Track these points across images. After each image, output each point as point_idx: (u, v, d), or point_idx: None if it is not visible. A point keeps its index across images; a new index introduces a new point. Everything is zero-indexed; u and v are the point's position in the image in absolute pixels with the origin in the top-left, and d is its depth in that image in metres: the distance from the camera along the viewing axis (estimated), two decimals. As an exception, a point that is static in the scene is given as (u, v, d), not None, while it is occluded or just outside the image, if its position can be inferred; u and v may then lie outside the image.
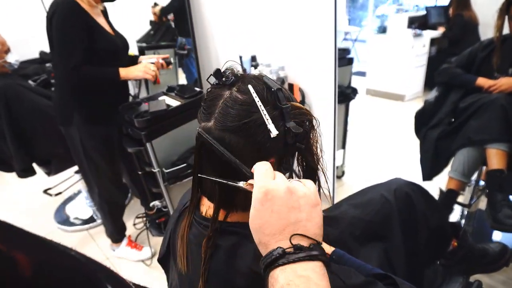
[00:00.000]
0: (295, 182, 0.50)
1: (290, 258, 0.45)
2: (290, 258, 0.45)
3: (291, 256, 0.45)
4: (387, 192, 1.02)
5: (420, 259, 1.01)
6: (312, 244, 0.46)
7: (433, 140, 1.83)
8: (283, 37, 2.08)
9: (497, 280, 1.74)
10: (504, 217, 1.54)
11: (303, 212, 0.48)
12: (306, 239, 0.47)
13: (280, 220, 0.47)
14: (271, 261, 0.45)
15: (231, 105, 0.57)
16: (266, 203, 0.48)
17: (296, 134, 0.57)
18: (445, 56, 3.03)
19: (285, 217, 0.47)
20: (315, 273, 0.44)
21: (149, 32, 3.23)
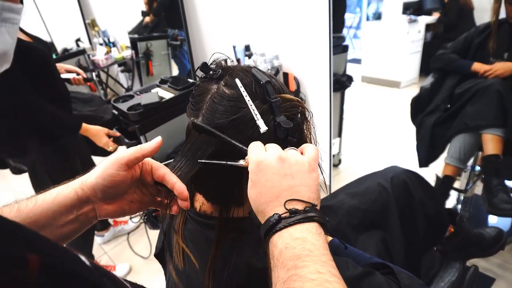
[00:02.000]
0: (289, 151, 0.51)
1: (285, 222, 0.45)
2: (286, 222, 0.45)
3: (286, 220, 0.45)
4: (384, 181, 1.02)
5: (418, 246, 1.01)
6: (307, 207, 0.47)
7: (429, 127, 1.83)
8: (277, 26, 2.05)
9: (494, 264, 1.76)
10: (499, 202, 1.55)
11: (296, 178, 0.49)
12: (301, 203, 0.47)
13: (274, 187, 0.48)
14: (269, 227, 0.46)
15: (218, 101, 0.56)
16: (259, 173, 0.49)
17: (287, 129, 0.55)
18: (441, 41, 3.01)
19: (278, 185, 0.48)
20: (311, 234, 0.44)
21: (141, 23, 3.19)
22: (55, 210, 0.47)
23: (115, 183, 0.50)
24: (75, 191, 0.49)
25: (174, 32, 2.91)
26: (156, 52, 3.12)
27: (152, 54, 3.12)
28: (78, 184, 0.50)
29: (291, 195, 0.47)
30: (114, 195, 0.51)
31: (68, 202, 0.48)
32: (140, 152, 0.52)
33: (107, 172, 0.50)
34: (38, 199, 0.48)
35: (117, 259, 2.16)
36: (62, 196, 0.48)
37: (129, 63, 3.26)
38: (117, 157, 0.50)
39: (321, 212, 0.47)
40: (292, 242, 0.44)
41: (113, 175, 0.50)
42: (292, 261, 0.42)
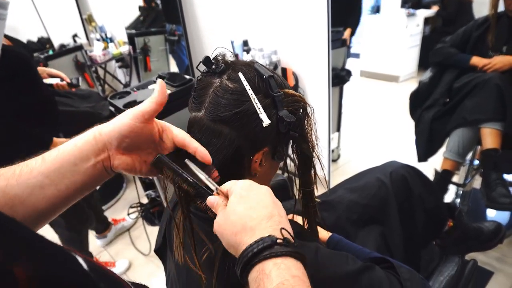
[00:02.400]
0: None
1: (283, 250, 0.41)
2: (283, 250, 0.41)
3: (283, 248, 0.41)
4: (383, 175, 1.02)
5: (417, 241, 1.01)
6: (295, 243, 0.43)
7: (428, 121, 1.83)
8: (275, 21, 2.04)
9: (492, 257, 1.77)
10: (498, 196, 1.55)
11: (282, 211, 0.47)
12: (290, 237, 0.43)
13: (267, 207, 0.46)
14: (262, 248, 0.41)
15: (221, 94, 0.56)
16: (252, 190, 0.48)
17: (289, 123, 0.56)
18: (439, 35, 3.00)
19: (271, 207, 0.46)
20: (305, 276, 0.41)
21: (138, 18, 3.16)
22: (76, 155, 0.48)
23: (131, 133, 0.50)
24: (94, 136, 0.50)
25: (172, 27, 2.89)
26: (153, 47, 3.10)
27: (150, 50, 3.10)
28: (97, 130, 0.51)
29: (282, 224, 0.44)
30: (128, 145, 0.51)
31: (87, 147, 0.49)
32: (153, 100, 0.51)
33: (123, 122, 0.50)
34: (60, 148, 0.49)
35: (117, 255, 2.17)
36: (82, 142, 0.49)
37: (127, 58, 3.24)
38: (133, 110, 0.51)
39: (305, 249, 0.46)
40: (290, 280, 0.39)
41: (130, 125, 0.50)
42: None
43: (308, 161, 0.65)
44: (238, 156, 0.57)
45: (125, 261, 2.07)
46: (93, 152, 0.49)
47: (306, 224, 0.74)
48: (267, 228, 0.43)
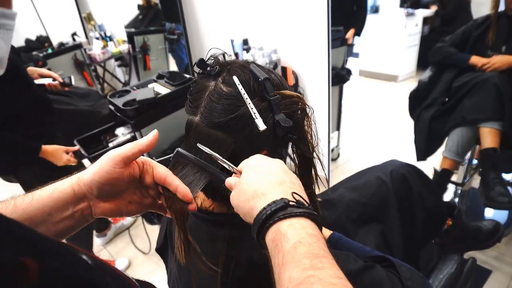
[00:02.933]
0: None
1: (297, 210, 0.41)
2: (297, 210, 0.41)
3: (297, 209, 0.41)
4: (383, 174, 1.03)
5: (416, 239, 1.02)
6: (310, 206, 0.44)
7: (427, 120, 1.84)
8: (275, 19, 2.04)
9: (490, 256, 1.78)
10: (497, 195, 1.56)
11: (295, 179, 0.47)
12: (303, 201, 0.44)
13: (278, 175, 0.46)
14: (275, 210, 0.41)
15: (216, 99, 0.55)
16: (262, 160, 0.49)
17: (286, 127, 0.55)
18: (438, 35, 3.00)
19: (283, 174, 0.46)
20: (320, 235, 0.41)
21: (137, 17, 3.16)
22: (51, 205, 0.46)
23: (111, 180, 0.48)
24: (72, 187, 0.48)
25: (171, 26, 2.88)
26: (153, 46, 3.10)
27: (149, 48, 3.09)
28: (74, 179, 0.49)
29: (294, 189, 0.45)
30: (110, 193, 0.49)
31: (65, 197, 0.47)
32: (137, 147, 0.50)
33: (103, 168, 0.48)
34: (34, 195, 0.47)
35: (117, 254, 2.17)
36: (58, 192, 0.47)
37: (126, 57, 3.23)
38: (113, 154, 0.49)
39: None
40: (307, 238, 0.39)
41: (109, 171, 0.48)
42: (309, 260, 0.36)
43: (308, 162, 0.64)
44: (236, 159, 0.57)
45: (124, 260, 2.07)
46: (70, 203, 0.47)
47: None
48: (279, 193, 0.43)
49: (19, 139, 1.38)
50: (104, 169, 0.48)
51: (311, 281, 0.34)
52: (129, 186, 0.51)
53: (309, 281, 0.34)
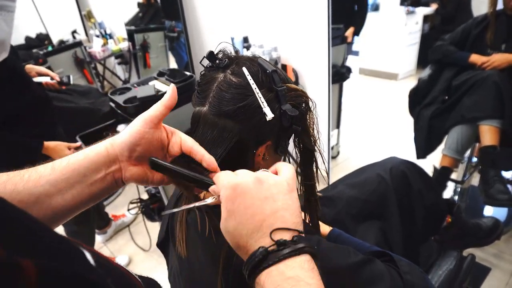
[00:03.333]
0: (262, 172, 0.48)
1: (274, 257, 0.41)
2: (274, 257, 0.41)
3: (275, 255, 0.41)
4: (383, 171, 1.03)
5: (416, 236, 1.02)
6: (294, 236, 0.43)
7: (427, 118, 1.84)
8: (276, 17, 2.04)
9: (489, 253, 1.79)
10: (496, 192, 1.57)
11: (278, 201, 0.45)
12: (287, 232, 0.43)
13: (255, 215, 0.43)
14: (254, 265, 0.41)
15: (225, 88, 0.56)
16: (237, 199, 0.44)
17: (292, 117, 0.56)
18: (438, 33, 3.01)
19: (260, 211, 0.44)
20: (303, 270, 0.40)
21: (137, 15, 3.16)
22: (86, 166, 0.48)
23: (142, 140, 0.50)
24: (106, 148, 0.50)
25: (171, 24, 2.89)
26: (153, 44, 3.10)
27: (149, 46, 3.10)
28: (109, 141, 0.51)
29: (276, 223, 0.43)
30: (140, 154, 0.51)
31: (99, 159, 0.49)
32: (162, 105, 0.52)
33: (134, 129, 0.50)
34: (71, 157, 0.49)
35: (117, 251, 2.17)
36: (93, 153, 0.49)
37: (126, 55, 3.23)
38: (143, 116, 0.51)
39: (308, 241, 0.43)
40: (283, 283, 0.39)
41: (140, 132, 0.50)
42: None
43: (310, 155, 0.66)
44: (241, 149, 0.58)
45: (124, 257, 2.08)
46: (104, 164, 0.49)
47: (308, 218, 0.75)
48: (258, 241, 0.43)
49: (19, 139, 1.37)
50: (136, 129, 0.50)
51: None
52: (157, 152, 0.53)
53: None
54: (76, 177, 0.47)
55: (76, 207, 0.49)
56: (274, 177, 0.47)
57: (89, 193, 0.49)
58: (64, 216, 0.49)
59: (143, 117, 0.51)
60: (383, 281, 0.59)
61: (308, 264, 0.41)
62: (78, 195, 0.48)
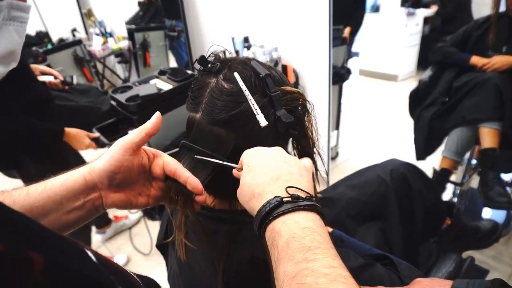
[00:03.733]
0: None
1: (290, 206, 0.42)
2: (290, 206, 0.42)
3: (290, 204, 0.42)
4: (383, 173, 1.03)
5: (416, 238, 1.02)
6: (307, 196, 0.44)
7: (427, 120, 1.84)
8: (277, 17, 2.04)
9: (488, 256, 1.79)
10: (495, 195, 1.57)
11: (295, 167, 0.47)
12: (301, 192, 0.44)
13: (274, 170, 0.46)
14: (269, 210, 0.42)
15: (217, 96, 0.55)
16: (257, 156, 0.48)
17: (287, 123, 0.55)
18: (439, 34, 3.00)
19: (279, 167, 0.46)
20: (316, 225, 0.41)
21: (137, 13, 3.15)
22: (63, 195, 0.47)
23: (121, 168, 0.49)
24: (84, 176, 0.49)
25: (172, 23, 2.88)
26: (153, 43, 3.09)
27: (150, 45, 3.09)
28: (86, 169, 0.49)
29: (291, 181, 0.45)
30: (121, 182, 0.50)
31: (76, 187, 0.48)
32: (143, 131, 0.51)
33: (113, 157, 0.49)
34: (47, 184, 0.48)
35: (117, 251, 2.17)
36: (70, 181, 0.48)
37: (126, 54, 3.23)
38: (122, 141, 0.50)
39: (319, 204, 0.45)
40: (299, 232, 0.39)
41: (119, 159, 0.49)
42: (301, 253, 0.37)
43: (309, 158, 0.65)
44: (238, 155, 0.58)
45: (123, 256, 2.07)
46: (82, 192, 0.48)
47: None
48: (274, 190, 0.44)
49: (43, 124, 1.41)
50: (114, 157, 0.49)
51: (304, 274, 0.35)
52: (139, 177, 0.52)
53: (302, 273, 0.36)
54: (52, 204, 0.46)
55: None
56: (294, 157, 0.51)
57: (66, 221, 0.47)
58: None
59: (121, 143, 0.50)
60: (383, 285, 0.59)
61: (320, 221, 0.42)
62: (54, 222, 0.46)
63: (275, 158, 0.48)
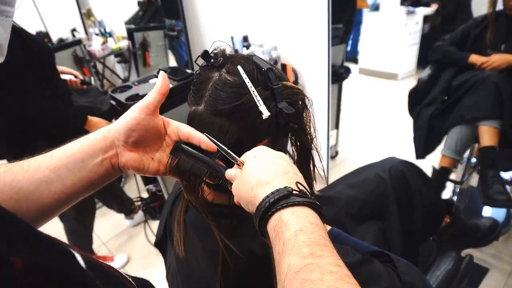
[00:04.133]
0: None
1: (300, 199, 0.41)
2: (300, 199, 0.41)
3: (300, 198, 0.41)
4: (382, 171, 1.03)
5: (415, 236, 1.02)
6: (312, 196, 0.44)
7: (426, 119, 1.84)
8: (276, 16, 2.04)
9: (487, 254, 1.79)
10: (495, 193, 1.57)
11: (299, 173, 0.48)
12: (307, 192, 0.44)
13: (281, 165, 0.46)
14: (278, 198, 0.41)
15: (220, 87, 0.56)
16: (265, 152, 0.49)
17: (288, 115, 0.56)
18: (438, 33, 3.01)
19: (285, 165, 0.47)
20: (321, 224, 0.41)
21: (137, 13, 3.15)
22: (84, 151, 0.49)
23: (138, 126, 0.51)
24: (103, 134, 0.51)
25: (171, 23, 2.88)
26: (153, 42, 3.10)
27: (149, 45, 3.09)
28: (106, 128, 0.52)
29: (298, 178, 0.45)
30: (136, 140, 0.52)
31: (96, 144, 0.50)
32: (156, 92, 0.53)
33: (130, 116, 0.51)
34: (70, 145, 0.50)
35: (116, 248, 2.17)
36: (91, 139, 0.50)
37: (126, 53, 3.23)
38: (140, 103, 0.52)
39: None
40: (309, 226, 0.38)
41: (136, 118, 0.51)
42: (309, 248, 0.36)
43: (307, 153, 0.66)
44: (238, 148, 0.58)
45: (123, 256, 2.08)
46: (101, 149, 0.50)
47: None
48: (283, 182, 0.43)
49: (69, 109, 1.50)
50: (132, 116, 0.51)
51: (310, 269, 0.34)
52: (154, 138, 0.54)
53: (308, 268, 0.34)
54: (75, 162, 0.48)
55: (76, 194, 0.49)
56: None
57: (88, 179, 0.49)
58: (65, 203, 0.49)
59: (140, 104, 0.52)
60: (381, 281, 0.60)
61: (322, 223, 0.42)
62: (78, 180, 0.49)
63: (282, 157, 0.49)
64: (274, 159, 0.47)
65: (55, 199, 0.47)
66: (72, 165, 0.48)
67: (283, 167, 0.46)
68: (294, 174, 0.46)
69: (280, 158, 0.48)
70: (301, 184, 0.44)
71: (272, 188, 0.42)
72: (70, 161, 0.48)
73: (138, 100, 1.79)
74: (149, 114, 0.52)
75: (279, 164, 0.47)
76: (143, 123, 0.51)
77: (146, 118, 0.51)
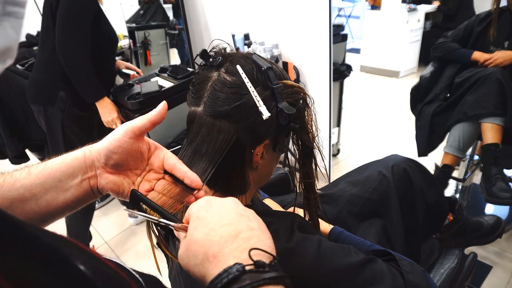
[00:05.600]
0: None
1: (253, 279, 0.34)
2: (254, 279, 0.34)
3: (255, 276, 0.34)
4: (384, 169, 1.02)
5: (418, 234, 1.02)
6: (273, 261, 0.37)
7: (429, 116, 1.83)
8: (277, 14, 2.03)
9: (491, 251, 1.78)
10: (498, 190, 1.56)
11: (254, 221, 0.41)
12: (265, 255, 0.37)
13: (231, 225, 0.39)
14: (227, 282, 0.34)
15: (219, 88, 0.55)
16: (210, 209, 0.41)
17: (289, 115, 0.55)
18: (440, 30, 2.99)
19: (236, 222, 0.39)
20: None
21: (138, 12, 3.15)
22: (62, 171, 0.47)
23: (119, 149, 0.49)
24: (83, 153, 0.49)
25: (172, 21, 2.88)
26: (154, 41, 3.09)
27: (150, 44, 3.09)
28: (87, 147, 0.50)
29: (252, 239, 0.38)
30: (117, 163, 0.49)
31: (76, 164, 0.48)
32: (147, 118, 0.51)
33: (113, 137, 0.49)
34: (48, 162, 0.48)
35: (118, 247, 2.17)
36: (71, 158, 0.49)
37: (127, 52, 3.22)
38: (125, 125, 0.50)
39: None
40: None
41: (118, 140, 0.49)
42: None
43: (309, 152, 0.65)
44: (239, 149, 0.57)
45: (125, 255, 2.08)
46: (80, 169, 0.48)
47: (308, 217, 0.75)
48: (233, 253, 0.37)
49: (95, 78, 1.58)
50: (115, 137, 0.49)
51: None
52: (136, 164, 0.51)
53: None
54: (52, 182, 0.46)
55: (50, 215, 0.47)
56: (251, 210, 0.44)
57: (64, 200, 0.47)
58: (38, 224, 0.47)
59: (125, 126, 0.50)
60: (385, 281, 0.59)
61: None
62: (53, 200, 0.46)
63: (231, 209, 0.41)
64: (221, 216, 0.40)
65: (28, 219, 0.45)
66: (49, 185, 0.46)
67: (232, 226, 0.39)
68: (248, 231, 0.39)
69: (229, 210, 0.41)
70: (257, 249, 0.37)
71: (219, 267, 0.36)
72: (47, 180, 0.46)
73: (139, 98, 1.78)
74: (133, 138, 0.49)
75: (228, 224, 0.39)
76: (125, 146, 0.49)
77: (129, 141, 0.49)
